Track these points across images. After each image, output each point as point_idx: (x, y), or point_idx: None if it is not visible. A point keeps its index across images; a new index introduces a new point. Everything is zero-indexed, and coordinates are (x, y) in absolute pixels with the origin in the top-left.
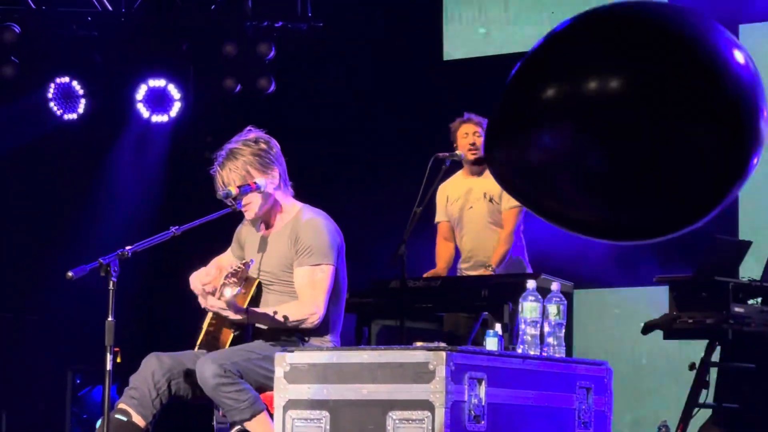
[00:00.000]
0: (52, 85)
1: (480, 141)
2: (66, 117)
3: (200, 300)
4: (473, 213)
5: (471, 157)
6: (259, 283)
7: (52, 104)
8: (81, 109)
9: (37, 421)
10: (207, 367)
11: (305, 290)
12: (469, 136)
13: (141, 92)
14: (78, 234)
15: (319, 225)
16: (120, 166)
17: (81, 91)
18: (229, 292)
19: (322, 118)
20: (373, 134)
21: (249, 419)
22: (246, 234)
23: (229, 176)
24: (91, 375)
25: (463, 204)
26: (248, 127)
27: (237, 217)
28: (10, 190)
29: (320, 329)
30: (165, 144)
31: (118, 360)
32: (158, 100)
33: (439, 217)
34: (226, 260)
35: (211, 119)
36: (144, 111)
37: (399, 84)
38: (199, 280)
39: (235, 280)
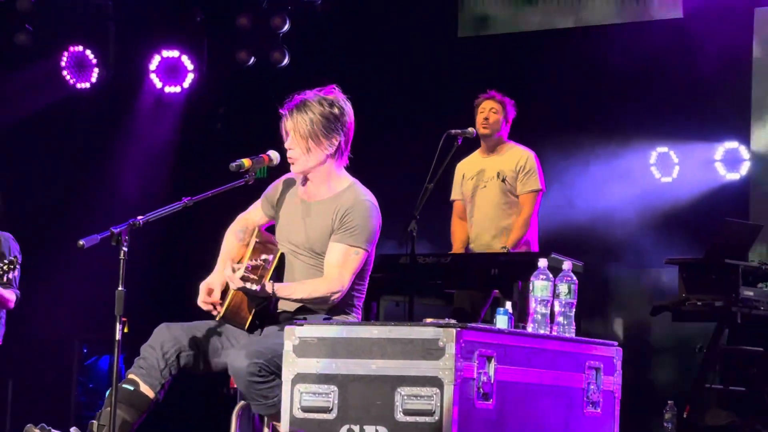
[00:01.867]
0: (66, 54)
1: (494, 117)
2: (79, 86)
3: (229, 281)
4: (485, 192)
5: (482, 131)
6: (282, 255)
7: (65, 73)
8: (94, 78)
9: (44, 390)
10: (241, 362)
11: (334, 268)
12: (484, 111)
13: (154, 63)
14: (89, 203)
15: (370, 209)
16: (132, 137)
17: (94, 60)
18: (249, 286)
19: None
20: (386, 110)
21: (274, 415)
22: (281, 193)
23: (295, 126)
24: (97, 345)
25: (477, 183)
26: (333, 86)
27: (249, 190)
28: (21, 158)
29: (344, 308)
30: (177, 115)
31: (126, 330)
32: (171, 71)
33: (454, 195)
34: (254, 216)
35: (224, 91)
36: (157, 81)
37: (413, 60)
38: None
39: (254, 277)
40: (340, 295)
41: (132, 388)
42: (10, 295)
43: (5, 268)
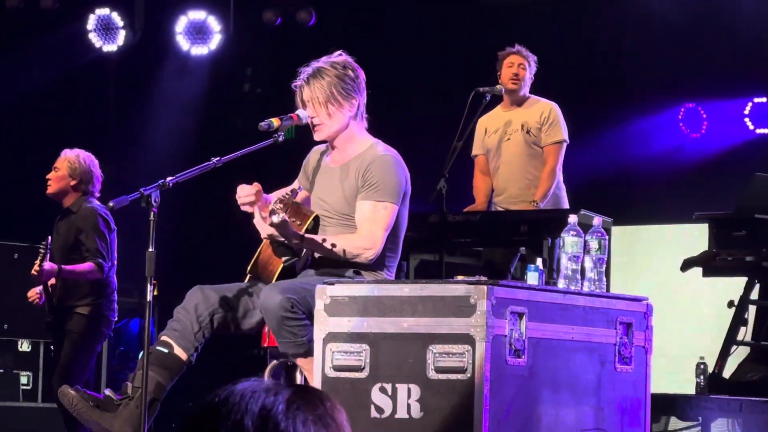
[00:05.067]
0: (92, 17)
1: (523, 73)
2: (105, 49)
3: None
4: (510, 145)
5: (511, 86)
6: (317, 217)
7: (91, 36)
8: (121, 41)
9: None
10: (274, 297)
11: (365, 224)
12: (513, 66)
13: (181, 24)
14: (119, 164)
15: (391, 163)
16: (159, 99)
17: (121, 23)
18: (276, 218)
19: (361, 53)
20: (414, 70)
21: (303, 355)
22: (313, 163)
23: (313, 94)
24: (128, 307)
25: (501, 136)
26: (339, 51)
27: (278, 150)
28: (49, 121)
29: (375, 265)
30: (204, 76)
31: (155, 293)
32: (198, 32)
33: (476, 150)
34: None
35: (250, 52)
36: (184, 43)
37: (441, 20)
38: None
39: (281, 206)
40: (374, 253)
41: (166, 351)
42: (86, 267)
43: (42, 252)
